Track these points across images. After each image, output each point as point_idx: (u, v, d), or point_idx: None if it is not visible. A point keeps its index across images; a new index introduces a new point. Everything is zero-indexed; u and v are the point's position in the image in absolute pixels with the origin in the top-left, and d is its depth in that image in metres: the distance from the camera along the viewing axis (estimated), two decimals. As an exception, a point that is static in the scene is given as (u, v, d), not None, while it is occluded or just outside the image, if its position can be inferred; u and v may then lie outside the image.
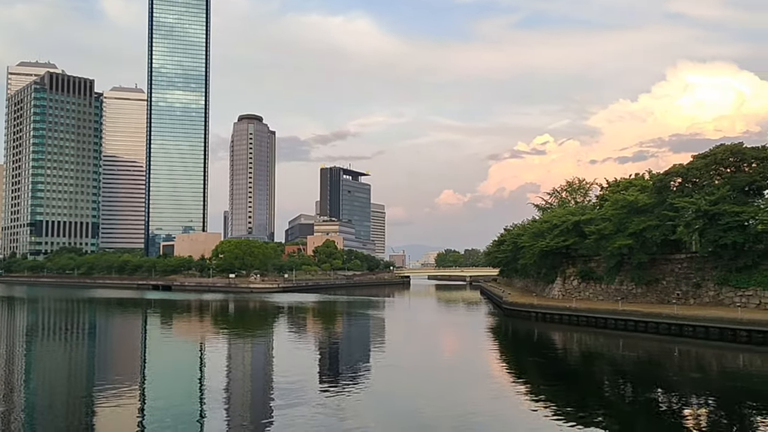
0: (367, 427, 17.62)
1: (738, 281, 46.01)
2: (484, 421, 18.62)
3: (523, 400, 22.17)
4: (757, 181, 47.67)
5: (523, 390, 24.43)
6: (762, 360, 32.15)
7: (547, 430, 17.54)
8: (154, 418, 19.01)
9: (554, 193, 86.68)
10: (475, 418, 18.97)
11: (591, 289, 59.67)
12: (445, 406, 20.63)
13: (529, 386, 25.19)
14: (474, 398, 22.08)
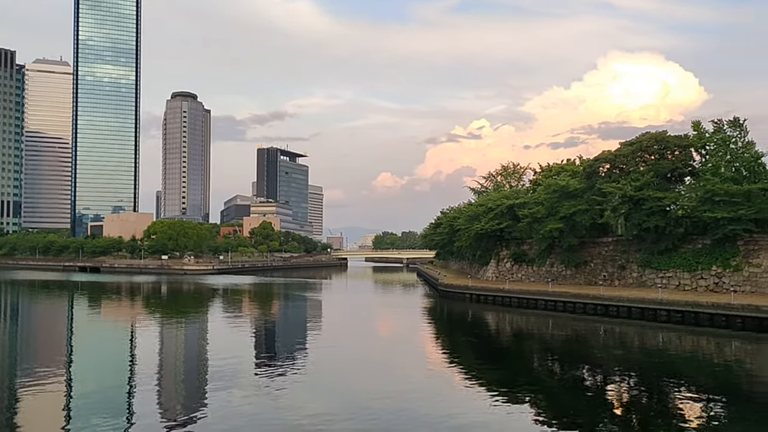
0: (303, 408, 17.68)
1: (659, 263, 48.36)
2: (419, 399, 18.99)
3: (457, 378, 22.73)
4: (679, 168, 50.07)
5: (457, 369, 25.04)
6: (679, 337, 34.01)
7: (480, 406, 18.06)
8: (82, 403, 18.48)
9: (490, 177, 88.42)
10: (410, 396, 19.32)
11: (523, 271, 61.40)
12: (381, 386, 20.92)
13: (463, 365, 25.83)
14: (409, 377, 22.46)
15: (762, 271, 42.05)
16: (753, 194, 42.91)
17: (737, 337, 32.98)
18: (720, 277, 44.17)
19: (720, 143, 48.77)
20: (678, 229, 46.50)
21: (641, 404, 19.53)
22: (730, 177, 45.70)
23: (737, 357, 28.97)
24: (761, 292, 41.04)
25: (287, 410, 17.59)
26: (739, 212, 42.04)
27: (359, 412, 17.06)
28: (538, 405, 18.60)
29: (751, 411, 18.17)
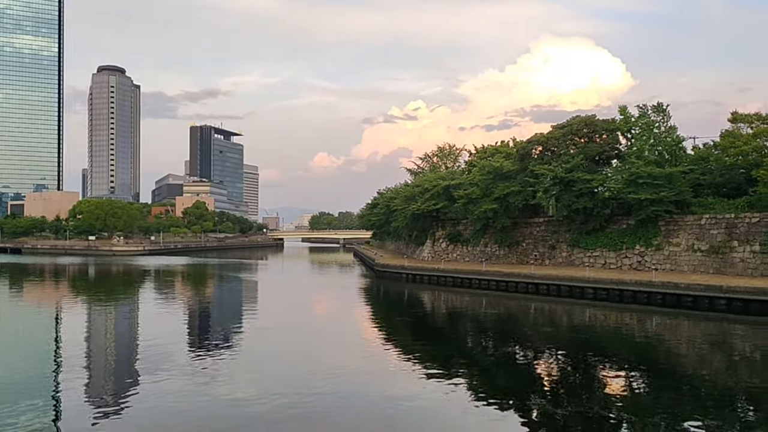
0: (238, 390, 17.52)
1: (587, 243, 50.23)
2: (356, 379, 19.16)
3: (394, 357, 23.04)
4: (606, 152, 51.93)
5: (394, 348, 25.36)
6: (605, 314, 35.53)
7: (416, 384, 18.38)
8: (5, 392, 17.68)
9: (426, 158, 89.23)
10: (346, 376, 19.46)
11: (458, 251, 62.53)
12: (318, 366, 20.96)
13: (400, 344, 26.18)
14: (345, 357, 22.60)
15: (681, 250, 44.32)
16: (674, 177, 45.02)
17: (657, 313, 34.75)
18: (643, 255, 46.29)
19: (644, 128, 50.83)
20: (605, 210, 48.34)
21: (569, 378, 20.36)
22: (653, 160, 47.75)
23: (657, 331, 30.55)
24: (680, 270, 43.30)
25: (221, 392, 17.41)
26: (661, 194, 44.05)
27: (296, 392, 17.06)
28: (472, 381, 19.11)
29: (669, 381, 19.24)
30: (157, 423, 14.86)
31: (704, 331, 30.10)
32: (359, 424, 14.56)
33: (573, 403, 16.60)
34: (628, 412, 15.99)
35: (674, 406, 16.40)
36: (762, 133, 44.26)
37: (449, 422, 15.03)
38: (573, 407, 16.08)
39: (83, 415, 15.32)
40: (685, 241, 44.29)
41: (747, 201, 42.67)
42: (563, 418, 15.27)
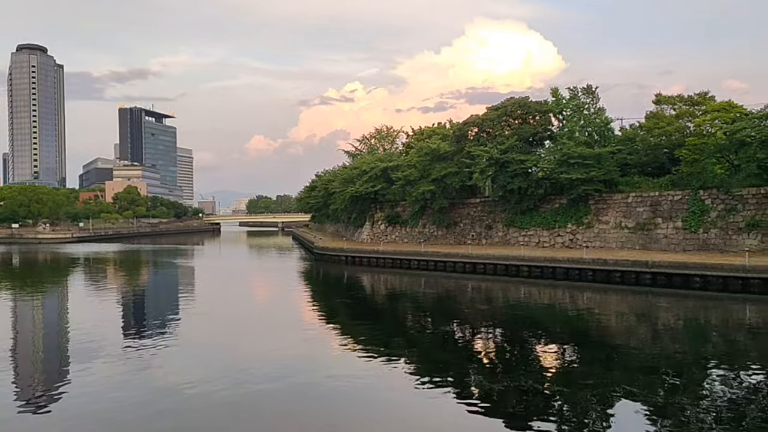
0: (173, 377, 17.17)
1: (522, 222, 51.54)
2: (296, 362, 19.09)
3: (334, 339, 23.08)
4: (540, 133, 53.23)
5: (334, 330, 25.41)
6: (538, 291, 36.64)
7: (357, 366, 18.49)
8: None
9: (364, 140, 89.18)
10: (287, 360, 19.37)
11: (397, 233, 63.00)
12: (257, 351, 20.78)
13: (340, 326, 26.25)
14: (285, 341, 22.47)
15: (609, 228, 46.09)
16: (603, 157, 46.62)
17: (588, 289, 36.10)
18: (575, 234, 47.89)
19: (575, 109, 52.34)
20: (538, 190, 49.65)
21: (505, 353, 20.94)
22: (583, 141, 49.27)
23: (588, 306, 31.74)
24: (609, 246, 45.04)
25: (157, 379, 17.04)
26: (591, 174, 45.58)
27: (234, 378, 16.87)
28: (412, 360, 19.38)
29: (599, 353, 20.07)
30: (88, 411, 14.42)
31: (631, 305, 31.49)
32: (299, 407, 14.55)
33: (509, 377, 17.09)
34: (561, 383, 16.60)
35: (604, 375, 17.13)
36: (684, 115, 46.31)
37: (390, 400, 15.22)
38: (509, 381, 16.56)
39: (8, 406, 14.68)
40: (613, 219, 46.06)
41: (670, 179, 44.70)
42: (500, 392, 15.72)
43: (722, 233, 39.96)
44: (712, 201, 41.08)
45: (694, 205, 41.64)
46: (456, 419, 13.61)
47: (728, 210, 40.04)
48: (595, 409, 14.43)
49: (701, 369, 18.19)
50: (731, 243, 39.17)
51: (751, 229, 38.58)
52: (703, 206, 41.31)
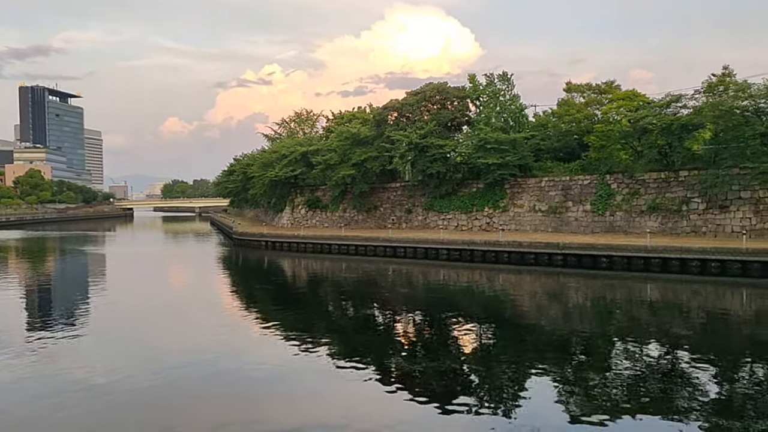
0: (84, 371, 16.47)
1: (441, 206, 52.54)
2: (215, 350, 18.74)
3: (255, 326, 22.81)
4: (458, 118, 54.26)
5: (254, 316, 25.11)
6: (457, 273, 37.55)
7: (277, 352, 18.39)
8: None
9: (283, 124, 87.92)
10: (205, 348, 18.98)
11: (318, 217, 62.80)
12: (174, 340, 20.27)
13: (260, 312, 25.97)
14: (203, 329, 21.99)
15: (524, 211, 47.75)
16: (518, 142, 48.12)
17: (504, 270, 37.35)
18: (491, 217, 49.31)
19: (491, 95, 53.66)
20: (457, 174, 50.73)
21: (425, 336, 21.39)
22: (499, 126, 50.68)
23: (504, 287, 32.88)
24: (523, 229, 46.69)
25: (64, 372, 16.26)
26: (507, 158, 46.97)
27: (148, 367, 16.39)
28: (333, 344, 19.47)
29: (514, 332, 20.88)
30: (-7, 412, 13.63)
31: (544, 285, 32.85)
32: (217, 395, 14.33)
33: (428, 358, 17.49)
34: (477, 362, 17.16)
35: (518, 354, 17.84)
36: (592, 102, 48.43)
37: (311, 384, 15.25)
38: (428, 363, 16.95)
39: None
40: (527, 203, 47.73)
41: (580, 164, 46.75)
42: (419, 372, 16.07)
43: (627, 216, 42.24)
44: (617, 185, 43.30)
45: (602, 189, 43.76)
46: (376, 401, 13.82)
47: (632, 194, 42.33)
48: (509, 386, 15.02)
49: (607, 344, 19.26)
50: (635, 225, 41.48)
51: (652, 212, 40.98)
52: (609, 190, 43.48)
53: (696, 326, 22.30)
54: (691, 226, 39.13)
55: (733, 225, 37.24)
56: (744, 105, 37.26)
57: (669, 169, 41.25)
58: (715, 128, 38.68)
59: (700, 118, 38.06)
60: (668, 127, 39.33)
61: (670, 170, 41.04)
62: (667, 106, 41.28)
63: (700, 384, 14.63)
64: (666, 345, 18.90)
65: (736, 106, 36.97)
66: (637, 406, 13.01)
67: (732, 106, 36.73)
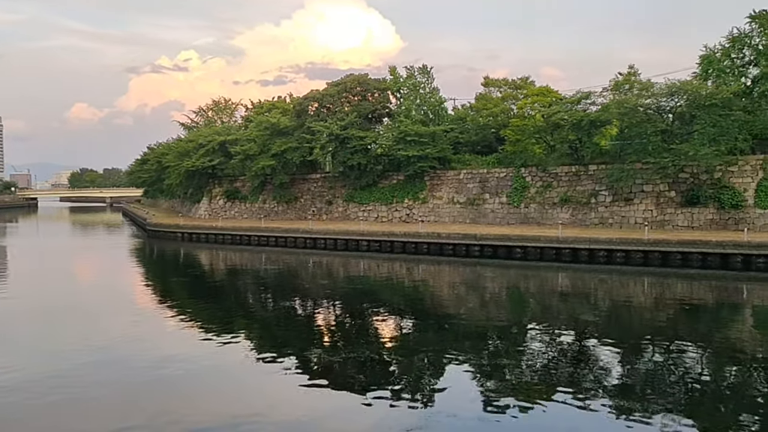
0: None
1: (361, 198, 52.75)
2: (129, 345, 18.10)
3: (171, 320, 22.16)
4: (378, 110, 54.55)
5: (170, 310, 24.38)
6: (377, 264, 37.87)
7: (194, 345, 17.98)
8: None
9: (200, 112, 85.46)
10: (119, 344, 18.31)
11: (237, 208, 61.64)
12: (86, 336, 19.35)
13: (175, 306, 25.24)
14: (115, 326, 21.14)
15: (443, 203, 48.69)
16: (437, 135, 48.94)
17: (424, 261, 37.98)
18: (411, 209, 49.97)
19: (412, 88, 54.31)
20: (377, 166, 51.06)
21: (345, 327, 21.50)
22: (419, 119, 51.36)
23: (423, 278, 33.47)
24: (442, 221, 47.62)
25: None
26: (426, 151, 47.67)
27: (54, 367, 15.61)
28: (253, 337, 19.25)
29: (433, 322, 21.32)
30: None
31: (462, 275, 33.69)
32: (131, 395, 13.85)
33: (348, 349, 17.59)
34: (397, 352, 17.43)
35: (436, 343, 18.24)
36: (508, 97, 49.95)
37: (229, 379, 15.03)
38: (348, 353, 17.06)
39: None
40: (446, 195, 48.69)
41: (496, 158, 48.11)
42: (339, 364, 16.15)
43: (540, 208, 43.87)
44: (531, 178, 44.87)
45: (517, 181, 45.23)
46: (297, 392, 13.79)
47: (545, 186, 44.00)
48: (428, 374, 15.35)
49: (521, 331, 20.02)
50: (547, 216, 43.16)
51: (564, 204, 42.77)
52: (524, 183, 45.01)
53: (602, 313, 23.53)
54: (599, 217, 41.13)
55: (637, 217, 39.44)
56: (647, 103, 39.45)
57: (579, 163, 43.12)
58: (620, 125, 40.72)
59: (607, 114, 39.96)
60: (578, 123, 41.09)
61: (580, 164, 42.91)
62: (578, 103, 43.11)
63: (605, 367, 15.49)
64: (575, 331, 19.86)
65: (640, 104, 39.09)
66: (549, 390, 13.62)
67: (636, 104, 38.81)
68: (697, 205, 37.78)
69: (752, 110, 36.68)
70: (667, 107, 39.87)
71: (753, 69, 39.19)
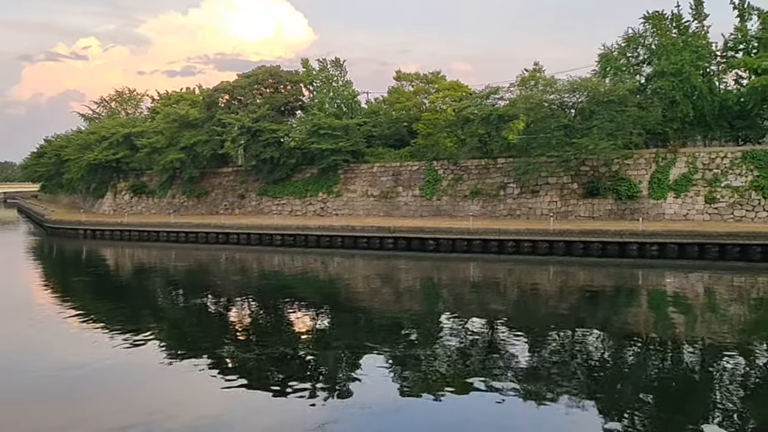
0: None
1: (275, 192, 52.12)
2: (23, 353, 17.05)
3: (72, 322, 21.02)
4: (291, 103, 54.02)
5: (71, 312, 23.09)
6: (292, 259, 37.56)
7: (99, 346, 17.16)
8: None
9: (102, 103, 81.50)
10: (10, 352, 17.22)
11: (144, 203, 59.39)
12: (-25, 343, 18.08)
13: (79, 307, 23.94)
14: (10, 329, 19.87)
15: (357, 196, 48.89)
16: (350, 128, 49.02)
17: (338, 255, 38.03)
18: (325, 202, 49.86)
19: (324, 81, 54.09)
20: (291, 159, 50.54)
21: (259, 323, 21.21)
22: (333, 112, 51.22)
23: (338, 272, 33.50)
24: (356, 214, 47.81)
25: None
26: (340, 144, 47.66)
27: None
28: (162, 337, 18.62)
29: (348, 315, 21.42)
30: None
31: (376, 268, 33.98)
32: (33, 400, 13.08)
33: (262, 345, 17.38)
34: (312, 347, 17.39)
35: (352, 336, 18.32)
36: (420, 91, 50.71)
37: (139, 380, 14.49)
38: (262, 350, 16.85)
39: None
40: (360, 188, 48.91)
41: (409, 151, 48.78)
42: (254, 361, 15.92)
43: (452, 200, 44.90)
44: (443, 171, 45.82)
45: (429, 174, 46.06)
46: (210, 391, 13.49)
47: (456, 179, 45.06)
48: (343, 368, 15.41)
49: (434, 321, 20.45)
50: (459, 209, 44.23)
51: (474, 197, 43.99)
52: (436, 176, 45.89)
53: (511, 301, 24.42)
54: (508, 209, 42.59)
55: (542, 208, 41.15)
56: (551, 98, 41.17)
57: (488, 156, 44.45)
58: (527, 119, 42.29)
59: (514, 109, 41.40)
60: (487, 118, 42.33)
61: (490, 158, 44.25)
62: (487, 98, 44.40)
63: (514, 353, 16.10)
64: (486, 320, 20.51)
65: (545, 100, 40.75)
66: (461, 377, 14.01)
67: (541, 100, 40.43)
68: (597, 197, 39.87)
69: (646, 106, 39.02)
70: (569, 103, 41.79)
71: (646, 67, 41.76)
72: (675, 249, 32.24)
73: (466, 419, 11.90)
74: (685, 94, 38.41)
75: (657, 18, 40.35)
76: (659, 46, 40.05)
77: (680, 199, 38.02)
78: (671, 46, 39.03)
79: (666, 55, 38.88)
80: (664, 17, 40.36)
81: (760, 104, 38.21)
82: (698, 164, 38.17)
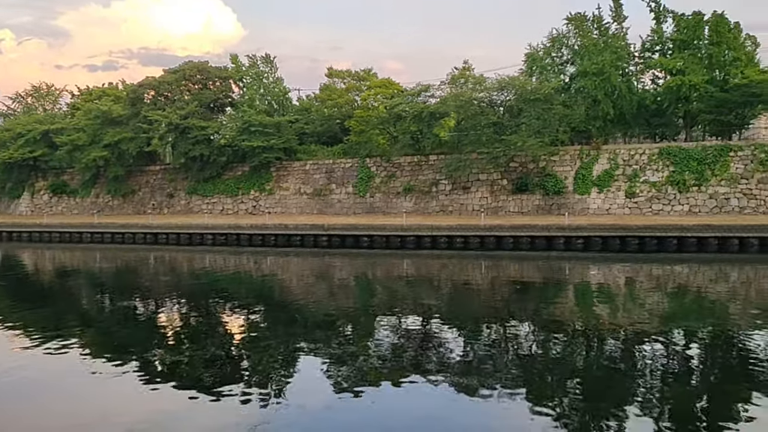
0: None
1: (205, 190, 51.02)
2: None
3: (-14, 330, 19.92)
4: (220, 99, 53.04)
5: (-14, 319, 21.89)
6: (224, 258, 36.86)
7: (17, 356, 16.31)
8: None
9: (18, 98, 77.34)
10: None
11: (65, 203, 56.94)
12: None
13: (-6, 314, 22.72)
14: None
15: (290, 194, 48.48)
16: (282, 126, 48.55)
17: (271, 253, 37.59)
18: (257, 200, 49.20)
19: (255, 77, 53.34)
20: (221, 157, 49.57)
21: (191, 325, 20.68)
22: (263, 109, 50.60)
23: (271, 270, 33.11)
24: (289, 212, 47.42)
25: None
26: (272, 141, 47.15)
27: None
28: (88, 342, 17.89)
29: (283, 314, 21.21)
30: None
31: (311, 266, 33.78)
32: (-56, 414, 12.31)
33: (194, 347, 16.98)
34: (246, 348, 17.12)
35: (286, 335, 18.17)
36: (352, 89, 50.74)
37: (63, 387, 13.87)
38: (194, 351, 16.48)
39: None
40: (293, 186, 48.51)
41: (342, 148, 48.77)
42: (186, 363, 15.54)
43: (385, 197, 45.17)
44: (376, 168, 46.03)
45: (362, 172, 46.18)
46: (140, 395, 13.07)
47: (389, 176, 45.36)
48: (278, 367, 15.26)
49: (370, 318, 20.53)
50: (392, 205, 44.55)
51: (407, 193, 44.41)
52: (369, 173, 46.05)
53: (444, 296, 24.81)
54: (440, 205, 43.22)
55: (474, 204, 41.99)
56: (480, 96, 42.07)
57: (421, 153, 44.96)
58: (457, 117, 43.06)
59: (445, 107, 42.06)
60: (419, 115, 42.82)
61: (422, 154, 44.77)
62: (418, 95, 44.89)
63: (449, 347, 16.37)
64: (420, 315, 20.75)
65: (474, 98, 41.61)
66: (397, 373, 14.12)
67: (471, 97, 41.25)
68: (525, 192, 41.04)
69: (570, 105, 40.47)
70: (498, 101, 42.82)
71: (570, 67, 43.29)
72: (599, 242, 33.62)
73: (401, 413, 12.02)
74: (606, 93, 40.05)
75: (579, 19, 41.89)
76: (581, 46, 41.60)
77: (603, 194, 39.63)
78: (593, 46, 40.61)
79: (588, 55, 40.43)
80: (586, 18, 41.94)
81: (674, 103, 40.32)
82: (619, 160, 39.89)
